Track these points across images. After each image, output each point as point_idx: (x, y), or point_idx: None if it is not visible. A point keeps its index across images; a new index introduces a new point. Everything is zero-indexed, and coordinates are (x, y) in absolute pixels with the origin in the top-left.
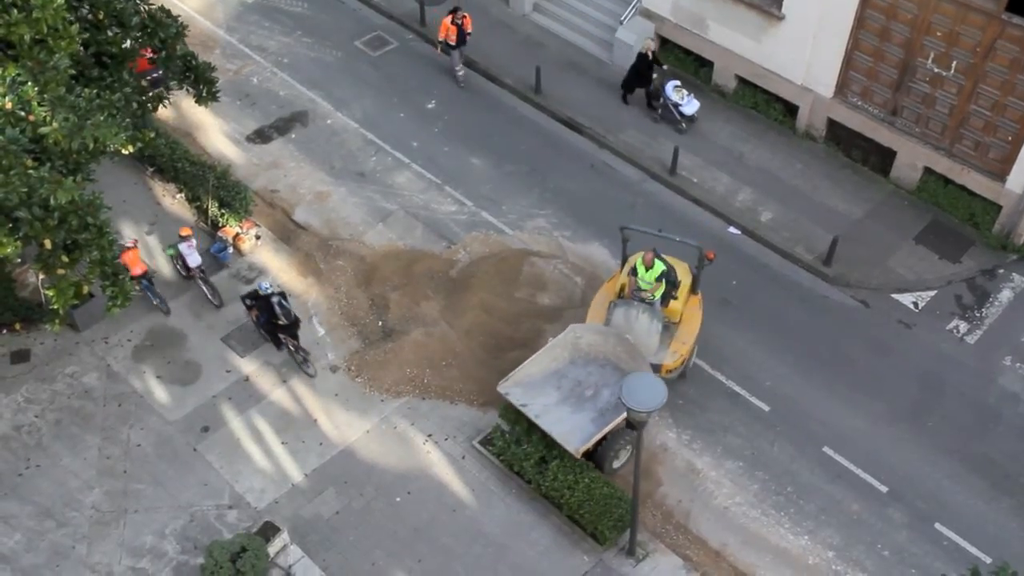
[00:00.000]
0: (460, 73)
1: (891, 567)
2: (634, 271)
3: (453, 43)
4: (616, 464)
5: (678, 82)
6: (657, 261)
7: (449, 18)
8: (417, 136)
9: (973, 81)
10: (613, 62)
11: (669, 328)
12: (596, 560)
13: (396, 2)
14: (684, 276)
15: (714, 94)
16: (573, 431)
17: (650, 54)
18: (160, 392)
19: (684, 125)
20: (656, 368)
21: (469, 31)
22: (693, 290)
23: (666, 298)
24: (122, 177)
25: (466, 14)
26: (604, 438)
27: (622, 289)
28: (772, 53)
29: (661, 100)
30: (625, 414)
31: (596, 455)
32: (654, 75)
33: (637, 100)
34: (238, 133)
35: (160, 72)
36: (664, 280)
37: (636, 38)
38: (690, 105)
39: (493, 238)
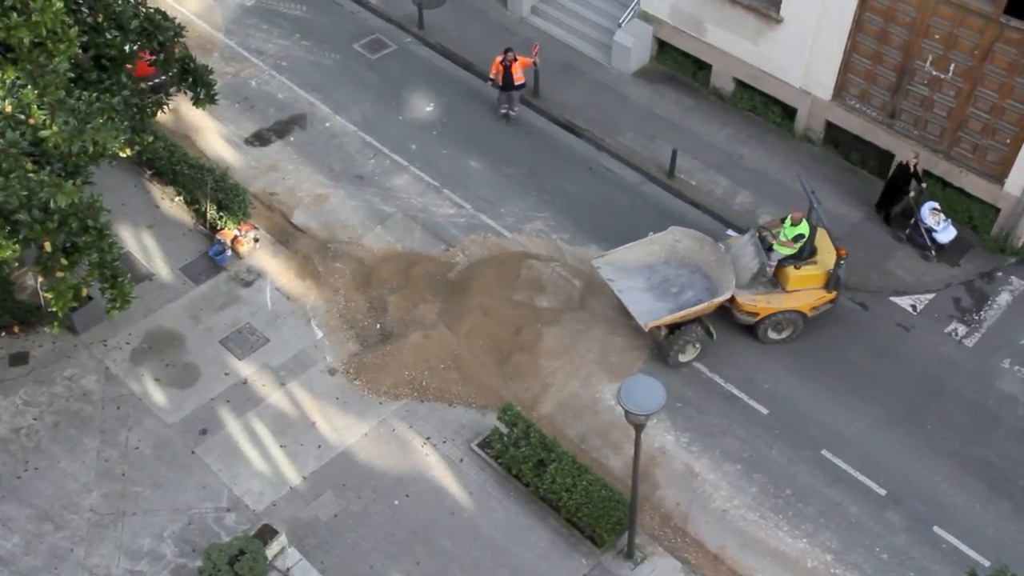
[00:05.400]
0: (502, 111)
1: (889, 570)
2: (785, 219)
3: (501, 84)
4: (682, 358)
5: (936, 205)
6: (805, 223)
7: (500, 57)
8: (415, 139)
9: (971, 84)
10: (611, 65)
11: (777, 286)
12: (594, 563)
13: (394, 5)
14: (825, 263)
15: (712, 97)
16: (650, 311)
17: (911, 166)
18: (158, 395)
19: (933, 253)
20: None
21: (518, 76)
22: (826, 286)
23: (785, 261)
24: (121, 180)
25: (518, 57)
26: (673, 332)
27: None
28: (770, 56)
29: (913, 220)
30: (698, 307)
31: (662, 347)
32: (911, 192)
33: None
34: (237, 136)
35: (162, 77)
36: (796, 242)
37: (634, 41)
38: (946, 232)
39: (491, 241)
